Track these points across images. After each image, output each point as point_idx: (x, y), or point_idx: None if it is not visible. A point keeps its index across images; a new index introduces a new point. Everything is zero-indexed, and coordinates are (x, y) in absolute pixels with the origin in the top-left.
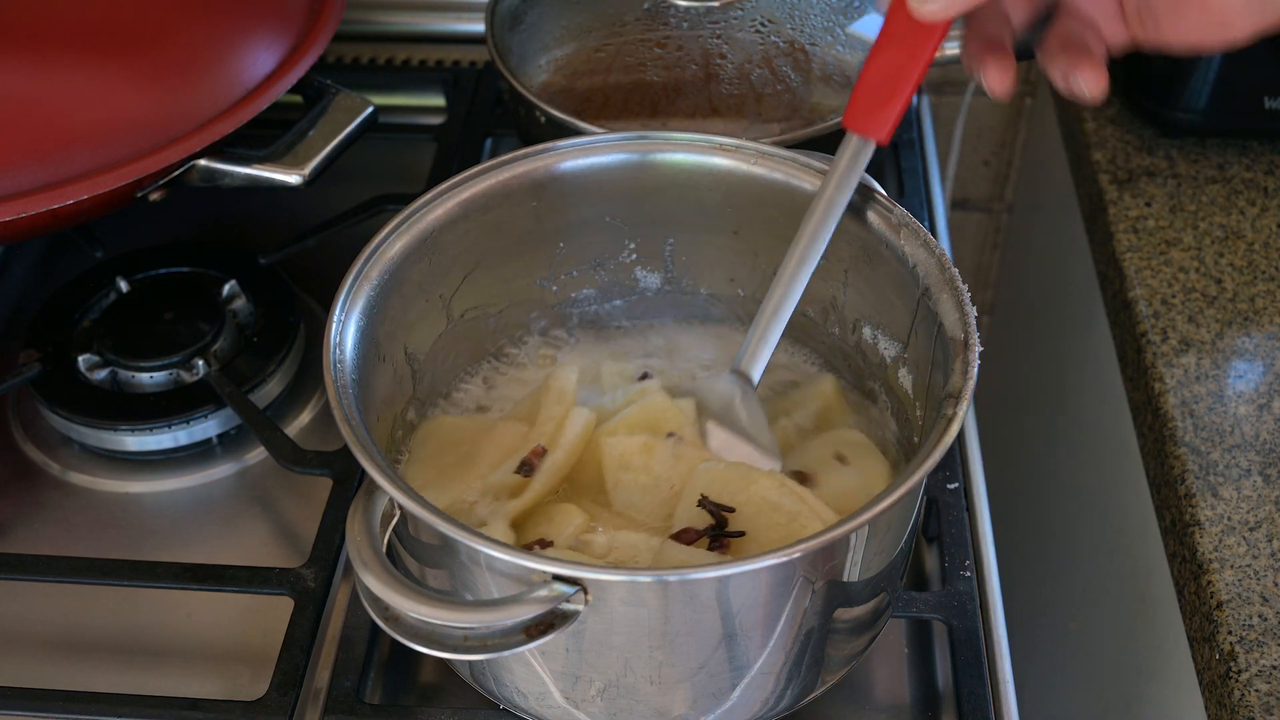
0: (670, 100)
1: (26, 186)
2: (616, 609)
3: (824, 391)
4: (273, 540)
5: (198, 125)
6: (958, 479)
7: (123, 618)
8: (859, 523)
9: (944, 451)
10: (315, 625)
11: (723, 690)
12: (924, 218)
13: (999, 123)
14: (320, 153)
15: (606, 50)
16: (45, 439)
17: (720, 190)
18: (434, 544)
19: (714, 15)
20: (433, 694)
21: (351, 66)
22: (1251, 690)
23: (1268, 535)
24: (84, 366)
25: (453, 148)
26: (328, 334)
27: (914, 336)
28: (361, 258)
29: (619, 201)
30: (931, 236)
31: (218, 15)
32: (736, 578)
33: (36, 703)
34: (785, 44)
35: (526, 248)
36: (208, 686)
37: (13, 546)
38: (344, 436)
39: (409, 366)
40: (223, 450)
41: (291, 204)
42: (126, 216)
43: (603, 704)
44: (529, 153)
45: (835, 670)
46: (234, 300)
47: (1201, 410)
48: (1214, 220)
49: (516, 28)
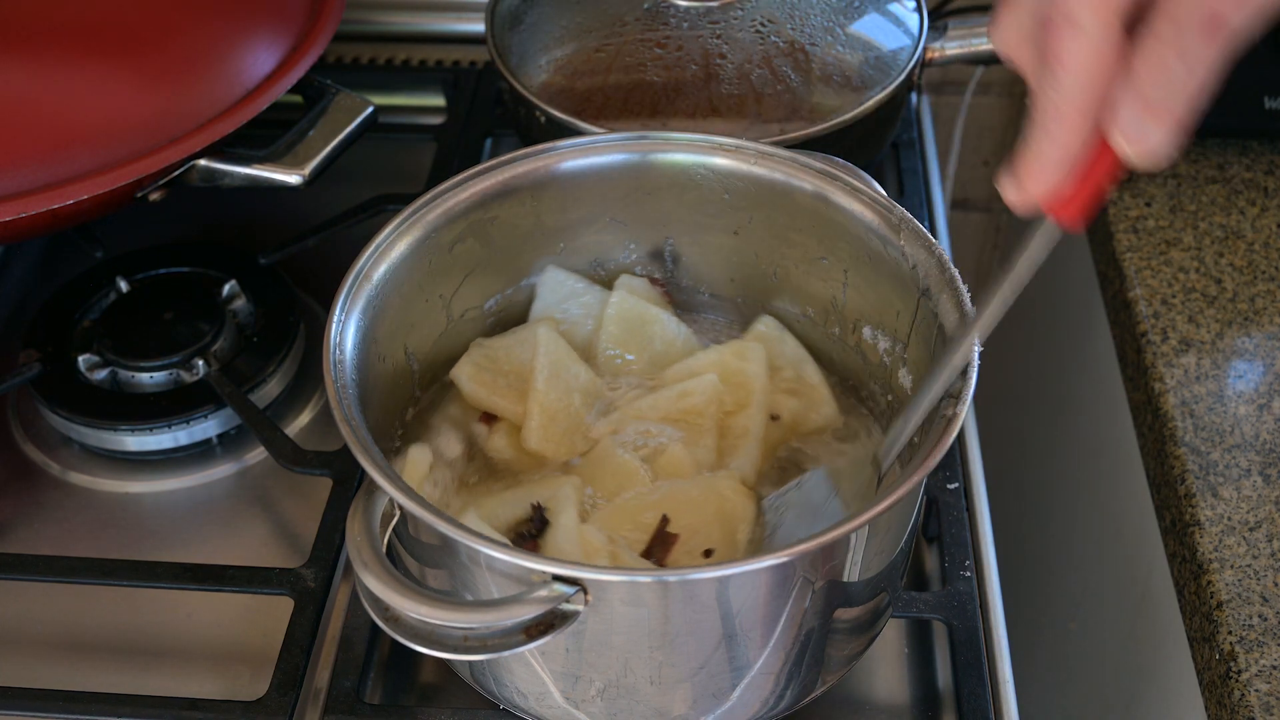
0: (670, 100)
1: (26, 186)
2: (616, 609)
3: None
4: (273, 540)
5: (198, 125)
6: (958, 479)
7: (123, 618)
8: (859, 523)
9: (944, 451)
10: (315, 625)
11: (723, 690)
12: (924, 218)
13: (999, 123)
14: (320, 153)
15: (606, 50)
16: (45, 439)
17: (720, 190)
18: (434, 544)
19: (714, 15)
20: (433, 694)
21: (351, 66)
22: (1251, 690)
23: (1268, 535)
24: (84, 366)
25: (453, 148)
26: (328, 334)
27: (914, 336)
28: (361, 258)
29: (619, 201)
30: (931, 236)
31: (218, 15)
32: (736, 578)
33: (36, 703)
34: (785, 44)
35: (526, 248)
36: (208, 686)
37: (13, 546)
38: (344, 436)
39: (409, 366)
40: (223, 450)
41: (291, 204)
42: (126, 216)
43: (603, 704)
44: (529, 153)
45: (835, 670)
46: (234, 300)
47: (1201, 410)
48: (1214, 220)
49: (516, 28)
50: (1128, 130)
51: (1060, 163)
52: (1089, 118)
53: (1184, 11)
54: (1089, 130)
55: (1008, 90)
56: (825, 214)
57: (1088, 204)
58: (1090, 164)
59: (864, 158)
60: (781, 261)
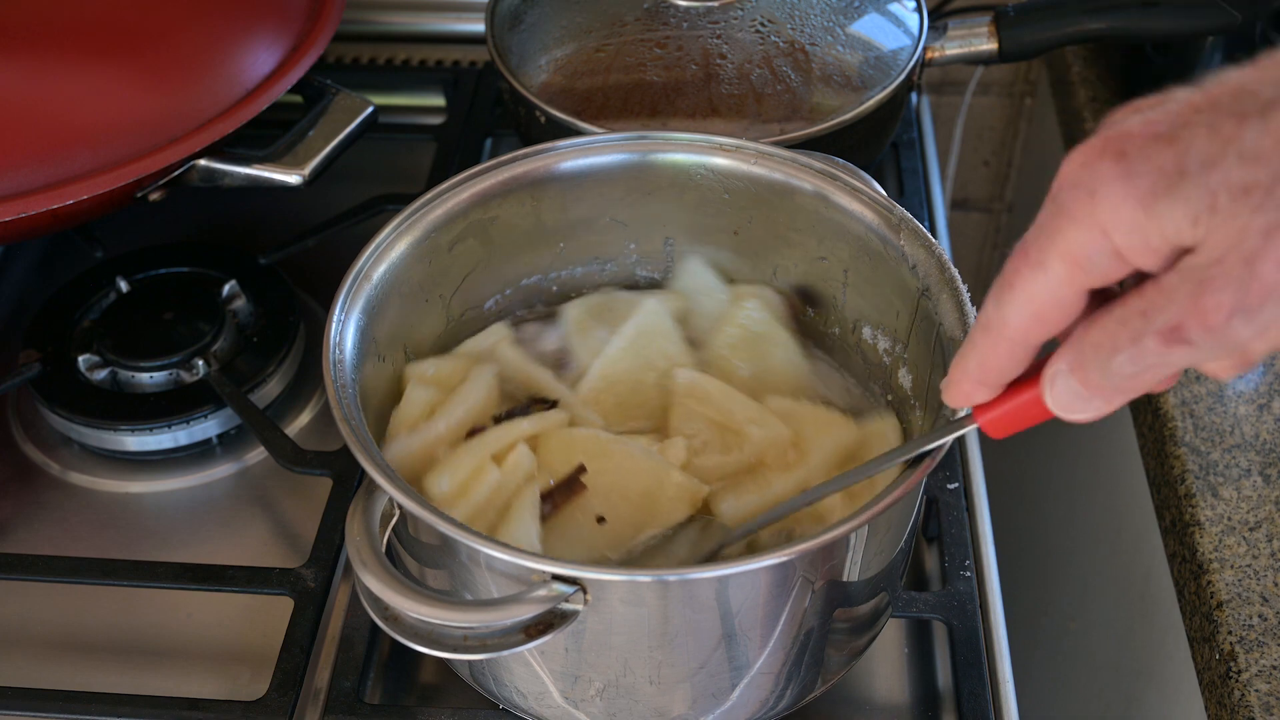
0: (670, 100)
1: (26, 186)
2: (616, 609)
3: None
4: (273, 540)
5: (198, 125)
6: (958, 479)
7: (123, 618)
8: (859, 522)
9: (944, 451)
10: (315, 625)
11: (722, 690)
12: (924, 218)
13: (999, 123)
14: (320, 153)
15: (606, 50)
16: (45, 439)
17: (720, 190)
18: (433, 544)
19: (714, 15)
20: (433, 694)
21: (351, 66)
22: (1251, 690)
23: (1268, 535)
24: (84, 366)
25: (453, 148)
26: (328, 334)
27: (914, 336)
28: (361, 257)
29: (619, 201)
30: (931, 237)
31: (218, 15)
32: (736, 577)
33: (36, 703)
34: (785, 44)
35: (526, 248)
36: (208, 686)
37: (13, 546)
38: (344, 436)
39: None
40: (223, 450)
41: (291, 204)
42: (126, 216)
43: (602, 704)
44: (529, 153)
45: (835, 670)
46: (234, 300)
47: (1201, 410)
48: None
49: (516, 28)
50: (1055, 385)
51: (979, 377)
52: (1018, 348)
53: (1155, 307)
54: (1016, 359)
55: (1007, 90)
56: (825, 214)
57: (1008, 425)
58: (1017, 393)
59: (864, 158)
60: (781, 261)
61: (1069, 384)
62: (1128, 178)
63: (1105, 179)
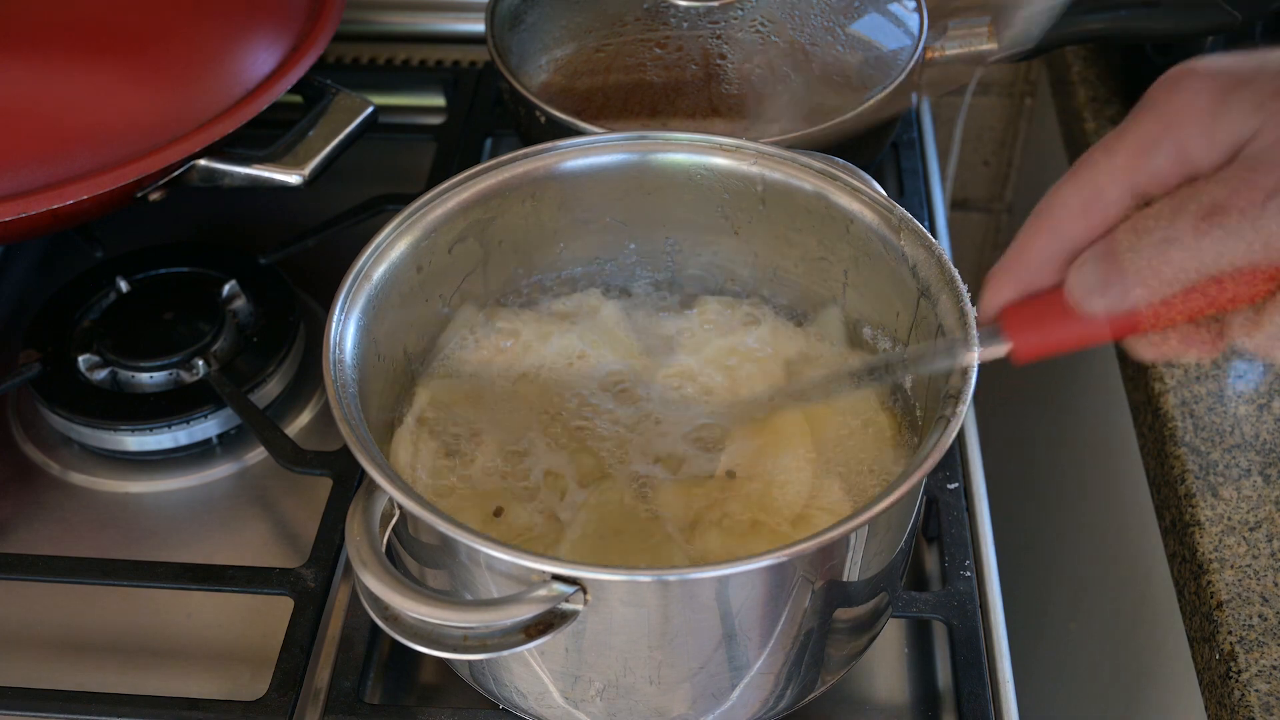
0: (670, 100)
1: (26, 186)
2: (616, 609)
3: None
4: (273, 540)
5: (198, 125)
6: (958, 479)
7: (123, 618)
8: (859, 522)
9: (944, 451)
10: (315, 625)
11: (722, 690)
12: (924, 218)
13: (999, 123)
14: (320, 153)
15: (606, 50)
16: (45, 439)
17: (720, 190)
18: (433, 544)
19: (714, 15)
20: (433, 694)
21: (351, 66)
22: (1251, 690)
23: (1268, 535)
24: (84, 366)
25: (453, 148)
26: (328, 334)
27: (914, 336)
28: (361, 257)
29: (619, 201)
30: (931, 237)
31: (218, 15)
32: (736, 577)
33: (36, 703)
34: (785, 44)
35: (526, 248)
36: (208, 686)
37: (13, 546)
38: (344, 436)
39: (409, 366)
40: (223, 450)
41: (291, 204)
42: (126, 216)
43: (602, 704)
44: (529, 153)
45: (835, 670)
46: (234, 300)
47: (1201, 410)
48: None
49: (516, 28)
50: (1083, 268)
51: (1012, 265)
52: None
53: (1201, 189)
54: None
55: (1008, 90)
56: (825, 214)
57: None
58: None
59: (864, 158)
60: (781, 261)
61: (1095, 267)
62: (1210, 76)
63: (1191, 75)
